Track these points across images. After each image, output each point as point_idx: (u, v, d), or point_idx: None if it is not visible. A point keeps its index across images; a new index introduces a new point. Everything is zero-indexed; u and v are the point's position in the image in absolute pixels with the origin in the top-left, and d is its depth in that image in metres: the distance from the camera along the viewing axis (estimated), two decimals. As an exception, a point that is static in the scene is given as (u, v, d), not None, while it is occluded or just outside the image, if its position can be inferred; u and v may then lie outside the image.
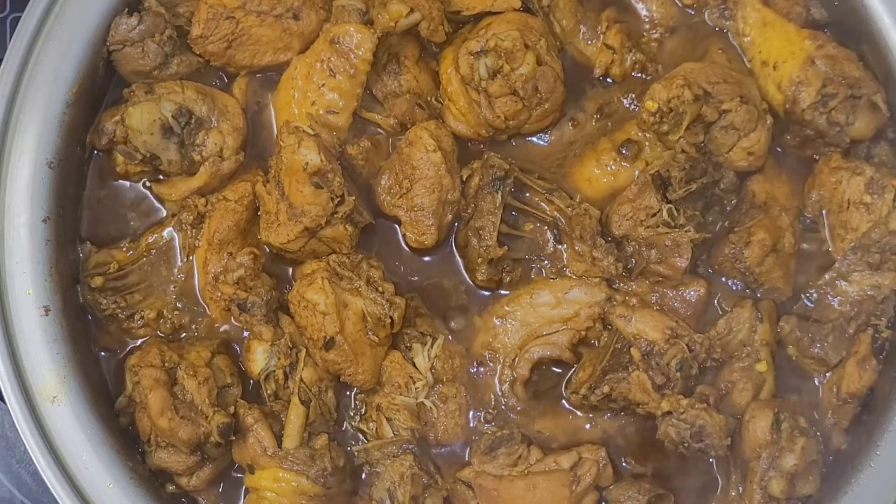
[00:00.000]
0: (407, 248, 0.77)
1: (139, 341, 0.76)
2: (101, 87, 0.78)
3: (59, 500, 0.69)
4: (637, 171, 0.77)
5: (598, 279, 0.76)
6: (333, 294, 0.71)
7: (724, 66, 0.78)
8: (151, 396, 0.70)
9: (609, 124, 0.80)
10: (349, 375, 0.72)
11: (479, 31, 0.76)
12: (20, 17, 0.74)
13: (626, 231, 0.75)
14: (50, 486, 0.70)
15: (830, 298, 0.76)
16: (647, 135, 0.77)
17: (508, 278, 0.76)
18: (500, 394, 0.75)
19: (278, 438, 0.72)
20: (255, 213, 0.76)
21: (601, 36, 0.80)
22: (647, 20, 0.82)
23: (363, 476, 0.74)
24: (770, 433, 0.71)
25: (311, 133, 0.74)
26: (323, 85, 0.76)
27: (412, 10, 0.75)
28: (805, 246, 0.78)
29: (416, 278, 0.77)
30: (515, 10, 0.77)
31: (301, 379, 0.73)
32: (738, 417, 0.73)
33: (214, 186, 0.77)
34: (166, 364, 0.72)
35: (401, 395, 0.73)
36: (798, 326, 0.75)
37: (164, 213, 0.78)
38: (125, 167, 0.77)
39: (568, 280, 0.76)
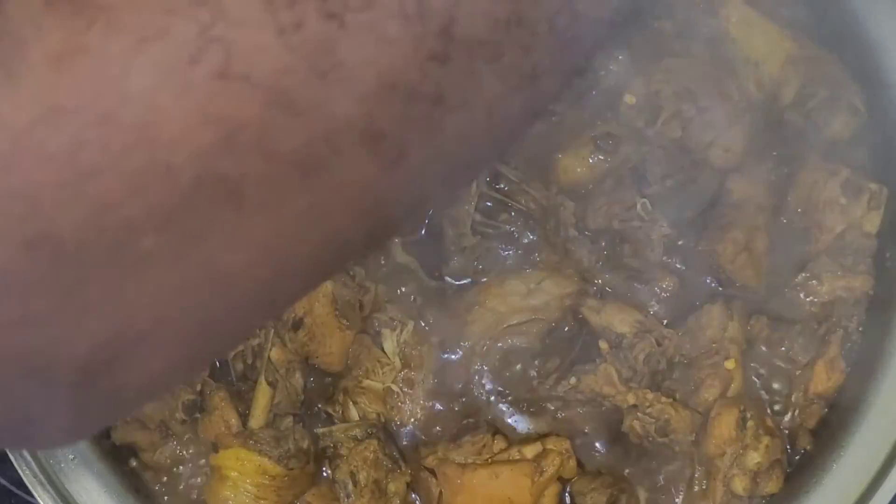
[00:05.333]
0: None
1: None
2: None
3: (20, 471, 0.69)
4: (614, 165, 0.77)
5: (570, 271, 0.76)
6: (304, 275, 0.71)
7: (705, 62, 0.78)
8: (117, 371, 0.70)
9: (588, 117, 0.80)
10: (317, 357, 0.73)
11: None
12: None
13: (601, 224, 0.75)
14: (13, 459, 0.70)
15: (802, 299, 0.76)
16: (625, 129, 0.77)
17: (481, 267, 0.76)
18: (467, 381, 0.75)
19: (244, 418, 0.72)
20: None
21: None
22: (630, 15, 0.82)
23: (327, 458, 0.74)
24: (735, 431, 0.71)
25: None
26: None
27: None
28: (779, 245, 0.77)
29: (385, 264, 0.77)
30: None
31: (269, 359, 0.73)
32: (705, 414, 0.73)
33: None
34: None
35: (368, 378, 0.73)
36: (768, 325, 0.75)
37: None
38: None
39: (540, 271, 0.76)
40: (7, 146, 0.32)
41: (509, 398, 0.75)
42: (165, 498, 0.74)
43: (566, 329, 0.76)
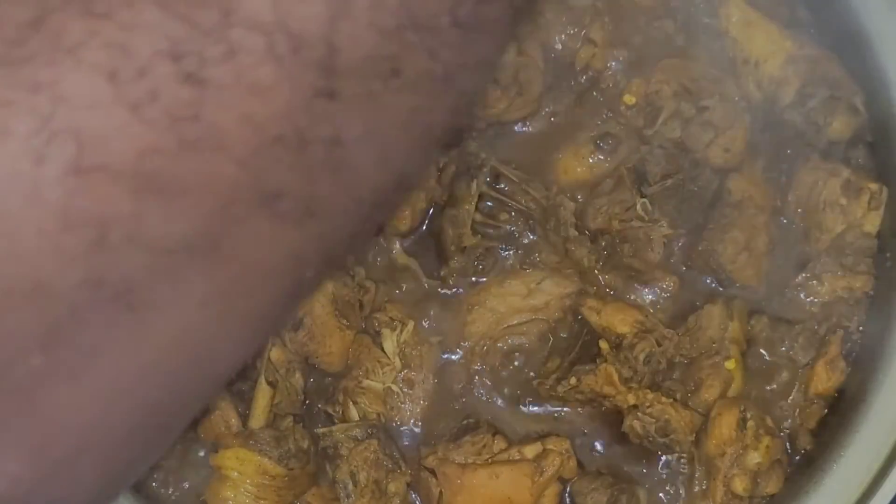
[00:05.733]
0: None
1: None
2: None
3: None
4: (614, 165, 0.77)
5: (570, 271, 0.76)
6: (304, 276, 0.72)
7: (705, 63, 0.78)
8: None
9: (588, 117, 0.80)
10: (317, 357, 0.73)
11: (461, 20, 0.76)
12: None
13: (601, 224, 0.75)
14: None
15: (803, 299, 0.76)
16: (625, 129, 0.78)
17: (481, 267, 0.76)
18: (467, 381, 0.75)
19: (244, 418, 0.72)
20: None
21: (584, 29, 0.80)
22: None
23: (327, 458, 0.74)
24: (735, 431, 0.71)
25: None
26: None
27: None
28: (779, 245, 0.78)
29: (385, 264, 0.77)
30: None
31: (269, 359, 0.73)
32: (705, 414, 0.73)
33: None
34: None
35: (368, 378, 0.73)
36: (769, 325, 0.75)
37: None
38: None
39: (540, 271, 0.76)
40: None
41: (509, 398, 0.75)
42: (166, 498, 0.74)
43: (566, 329, 0.76)
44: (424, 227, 0.77)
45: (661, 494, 0.74)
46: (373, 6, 0.35)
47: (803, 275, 0.76)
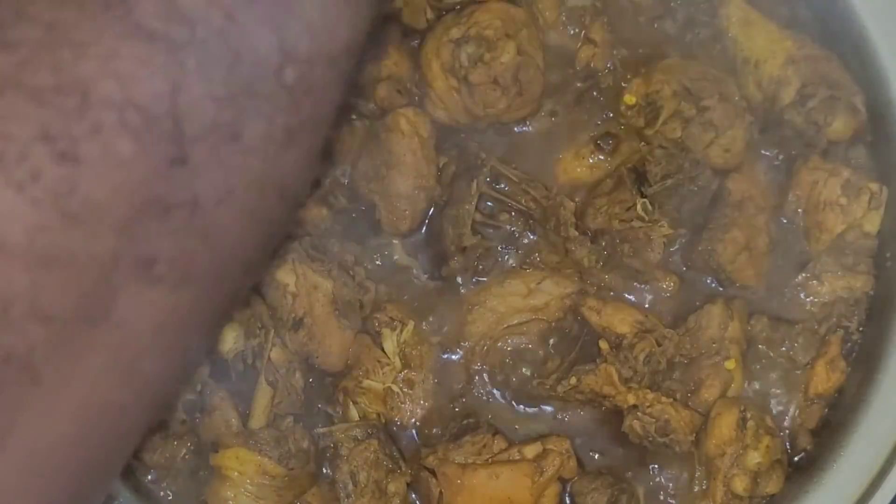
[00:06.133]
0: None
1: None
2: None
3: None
4: (614, 165, 0.77)
5: (570, 271, 0.76)
6: (304, 275, 0.72)
7: (705, 62, 0.78)
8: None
9: (588, 117, 0.80)
10: (317, 357, 0.73)
11: (461, 19, 0.76)
12: None
13: (601, 224, 0.75)
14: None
15: (803, 299, 0.76)
16: (625, 129, 0.78)
17: (481, 267, 0.76)
18: (467, 381, 0.75)
19: (244, 418, 0.72)
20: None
21: (584, 29, 0.80)
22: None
23: (327, 458, 0.74)
24: (735, 431, 0.71)
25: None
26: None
27: (395, -4, 0.75)
28: (779, 245, 0.77)
29: (385, 264, 0.77)
30: (499, -1, 0.77)
31: (269, 359, 0.73)
32: (705, 414, 0.73)
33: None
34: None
35: (368, 378, 0.73)
36: (769, 325, 0.75)
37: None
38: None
39: (540, 271, 0.76)
40: None
41: (509, 398, 0.75)
42: (166, 498, 0.74)
43: (566, 329, 0.76)
44: (424, 227, 0.77)
45: (661, 494, 0.74)
46: (205, 79, 0.38)
47: (803, 275, 0.76)
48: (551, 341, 0.76)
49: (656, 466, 0.74)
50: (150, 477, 0.74)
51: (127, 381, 0.39)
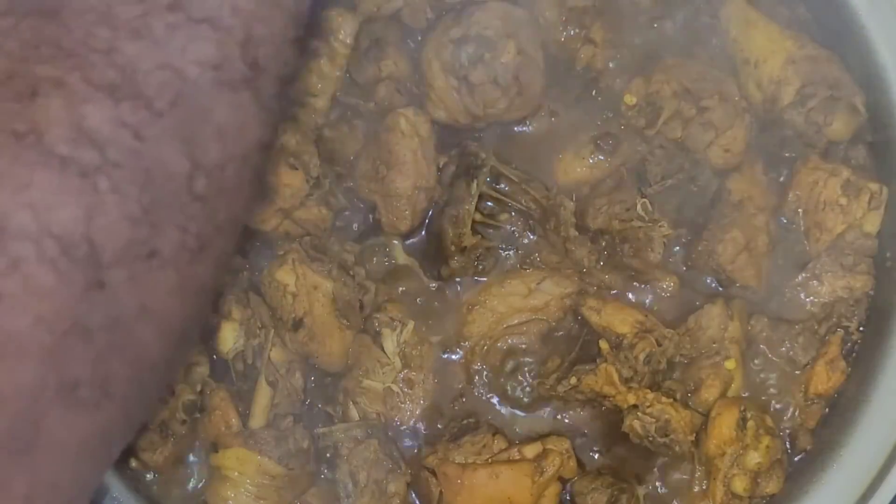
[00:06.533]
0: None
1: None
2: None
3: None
4: (614, 165, 0.77)
5: (570, 271, 0.76)
6: (304, 275, 0.72)
7: (705, 63, 0.78)
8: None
9: (588, 117, 0.80)
10: (317, 357, 0.73)
11: (461, 19, 0.76)
12: None
13: (601, 224, 0.75)
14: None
15: (803, 299, 0.76)
16: (625, 129, 0.77)
17: (481, 267, 0.76)
18: (467, 381, 0.75)
19: (244, 418, 0.72)
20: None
21: (584, 29, 0.80)
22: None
23: (327, 458, 0.74)
24: (735, 431, 0.71)
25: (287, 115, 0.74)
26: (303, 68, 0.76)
27: (395, -5, 0.75)
28: (780, 246, 0.77)
29: (385, 264, 0.77)
30: (499, -1, 0.77)
31: (269, 359, 0.73)
32: (705, 414, 0.73)
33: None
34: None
35: (368, 378, 0.73)
36: (769, 325, 0.75)
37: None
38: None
39: (540, 271, 0.76)
40: None
41: (509, 398, 0.75)
42: (165, 498, 0.74)
43: (566, 329, 0.76)
44: (424, 228, 0.77)
45: (661, 494, 0.74)
46: (118, 200, 0.39)
47: (803, 275, 0.76)
48: (551, 341, 0.76)
49: (656, 466, 0.74)
50: (149, 477, 0.74)
51: (50, 496, 0.40)
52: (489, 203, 0.77)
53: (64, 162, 0.38)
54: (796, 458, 0.74)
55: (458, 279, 0.77)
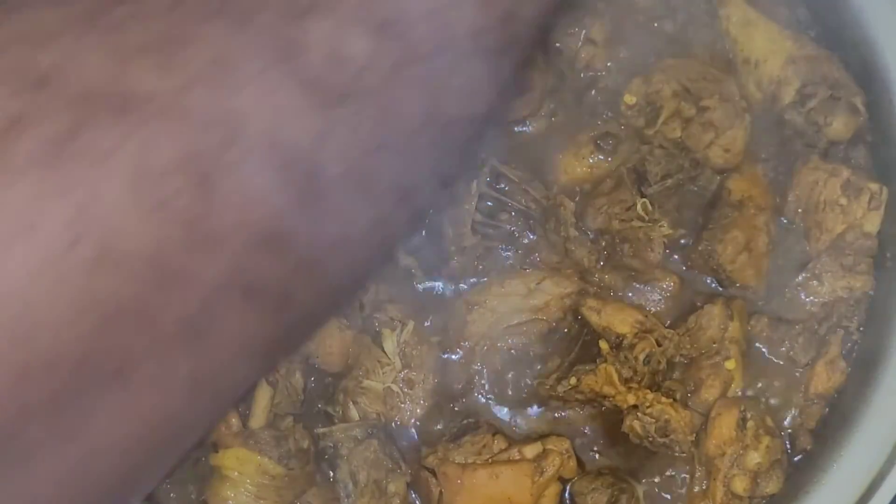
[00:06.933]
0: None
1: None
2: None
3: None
4: (614, 165, 0.77)
5: (570, 271, 0.76)
6: (304, 276, 0.72)
7: (705, 63, 0.78)
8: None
9: (588, 117, 0.80)
10: (317, 357, 0.73)
11: (461, 20, 0.76)
12: None
13: (601, 224, 0.75)
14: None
15: (803, 299, 0.76)
16: (625, 129, 0.77)
17: (481, 267, 0.76)
18: (467, 381, 0.75)
19: (244, 418, 0.72)
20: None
21: (584, 29, 0.80)
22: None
23: (327, 458, 0.74)
24: (735, 431, 0.71)
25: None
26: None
27: None
28: (780, 246, 0.77)
29: (386, 265, 0.77)
30: (498, -1, 0.77)
31: (269, 359, 0.73)
32: (705, 414, 0.73)
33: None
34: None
35: (368, 378, 0.73)
36: (769, 325, 0.75)
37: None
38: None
39: (540, 271, 0.76)
40: None
41: (509, 398, 0.75)
42: (165, 498, 0.74)
43: (566, 329, 0.76)
44: (424, 228, 0.77)
45: (660, 494, 0.74)
46: (352, 131, 0.40)
47: (803, 275, 0.76)
48: (551, 341, 0.76)
49: (656, 466, 0.74)
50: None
51: (200, 397, 0.41)
52: (489, 203, 0.77)
53: (312, 83, 0.39)
54: (796, 458, 0.74)
55: (458, 279, 0.77)
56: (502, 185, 0.77)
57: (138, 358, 0.37)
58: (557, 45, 0.80)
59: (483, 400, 0.75)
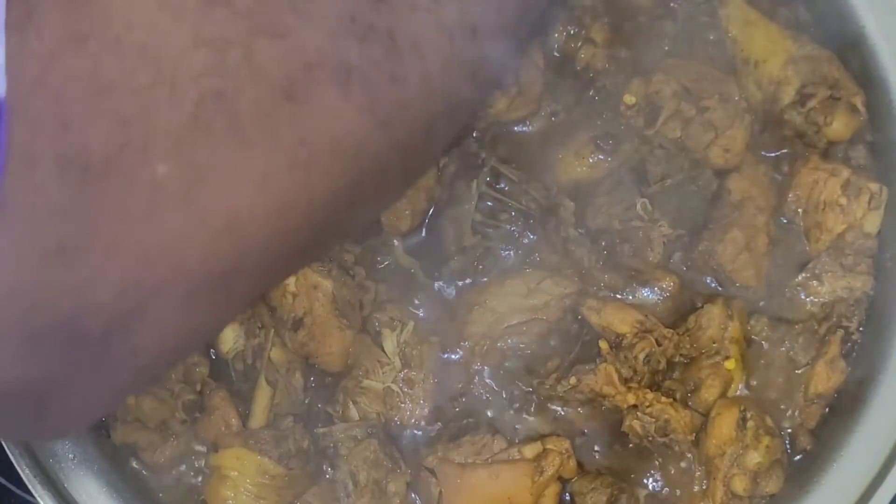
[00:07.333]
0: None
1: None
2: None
3: (19, 471, 0.69)
4: (614, 165, 0.77)
5: (570, 271, 0.76)
6: (304, 275, 0.72)
7: (705, 62, 0.78)
8: (117, 371, 0.70)
9: (588, 117, 0.80)
10: (317, 357, 0.73)
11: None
12: None
13: (601, 224, 0.75)
14: (12, 459, 0.70)
15: (803, 298, 0.76)
16: (625, 129, 0.77)
17: (481, 267, 0.76)
18: (467, 381, 0.75)
19: (244, 418, 0.72)
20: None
21: (584, 29, 0.80)
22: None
23: (327, 458, 0.74)
24: (735, 431, 0.71)
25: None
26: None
27: None
28: (779, 245, 0.77)
29: (385, 264, 0.77)
30: None
31: (269, 359, 0.73)
32: (705, 414, 0.73)
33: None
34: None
35: (368, 378, 0.73)
36: (769, 325, 0.75)
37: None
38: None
39: (540, 271, 0.76)
40: (36, 71, 0.36)
41: (509, 398, 0.75)
42: (165, 498, 0.74)
43: (566, 329, 0.76)
44: (424, 227, 0.77)
45: (660, 494, 0.74)
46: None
47: (803, 275, 0.76)
48: (551, 341, 0.76)
49: (656, 466, 0.74)
50: (149, 476, 0.74)
51: (306, 178, 0.43)
52: (489, 203, 0.77)
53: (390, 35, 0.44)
54: (796, 458, 0.74)
55: (457, 279, 0.77)
56: (502, 185, 0.77)
57: (247, 105, 0.40)
58: (557, 45, 0.80)
59: (483, 400, 0.75)
